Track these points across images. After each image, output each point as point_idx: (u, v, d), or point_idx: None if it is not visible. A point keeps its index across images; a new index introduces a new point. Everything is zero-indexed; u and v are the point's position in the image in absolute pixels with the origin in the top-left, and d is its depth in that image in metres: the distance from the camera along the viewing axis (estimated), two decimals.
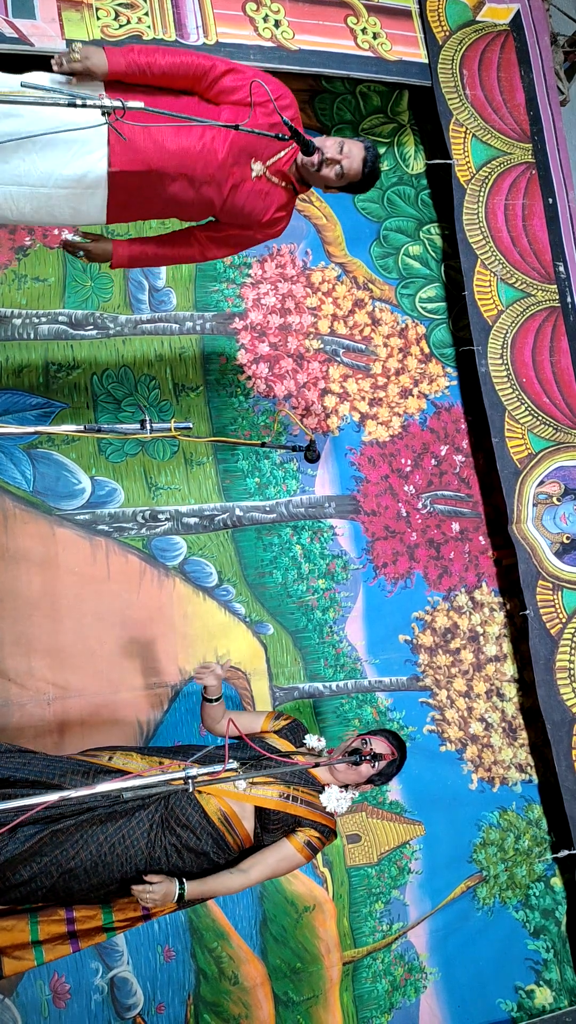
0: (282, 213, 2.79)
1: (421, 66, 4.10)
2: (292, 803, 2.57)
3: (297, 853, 2.56)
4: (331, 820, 2.63)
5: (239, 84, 2.55)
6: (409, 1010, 3.59)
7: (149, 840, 2.46)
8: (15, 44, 3.30)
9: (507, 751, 4.00)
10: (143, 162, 2.48)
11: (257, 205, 2.70)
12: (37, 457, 3.52)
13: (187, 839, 2.49)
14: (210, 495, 3.76)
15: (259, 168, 2.62)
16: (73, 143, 2.41)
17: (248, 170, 2.61)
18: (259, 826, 2.57)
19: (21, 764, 2.51)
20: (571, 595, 3.98)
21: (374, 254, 4.23)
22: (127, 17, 3.52)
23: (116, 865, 2.43)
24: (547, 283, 4.19)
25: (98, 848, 2.42)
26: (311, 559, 3.86)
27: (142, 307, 3.80)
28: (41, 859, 2.37)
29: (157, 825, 2.48)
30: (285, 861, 2.57)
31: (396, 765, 2.69)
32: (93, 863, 2.41)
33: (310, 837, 2.58)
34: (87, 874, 2.41)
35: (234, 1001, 3.35)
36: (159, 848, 2.47)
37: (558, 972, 3.84)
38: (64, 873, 2.39)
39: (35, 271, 3.65)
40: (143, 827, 2.47)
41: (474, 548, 4.15)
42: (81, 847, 2.40)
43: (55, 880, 2.39)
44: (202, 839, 2.49)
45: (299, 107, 4.10)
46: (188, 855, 2.49)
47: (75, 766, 2.53)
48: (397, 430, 4.13)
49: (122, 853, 2.43)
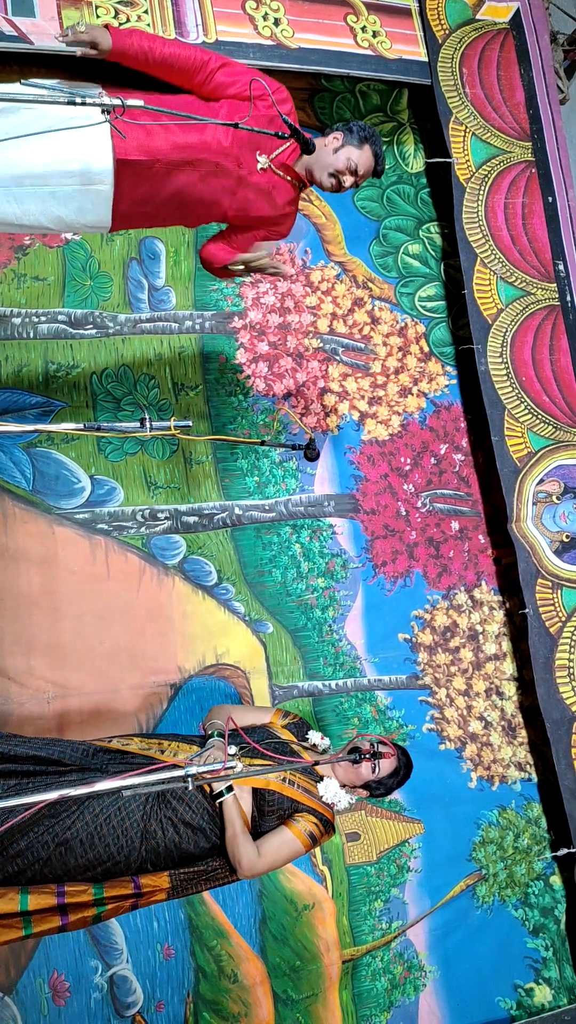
0: (290, 208, 2.80)
1: (421, 64, 4.10)
2: (289, 786, 2.58)
3: (296, 839, 2.56)
4: (328, 811, 2.63)
5: (235, 79, 2.55)
6: (408, 1008, 3.60)
7: (145, 812, 2.48)
8: (14, 42, 3.30)
9: (506, 749, 4.00)
10: (148, 151, 2.47)
11: (266, 198, 2.70)
12: (36, 456, 3.53)
13: (183, 813, 2.50)
14: (209, 494, 3.76)
15: (264, 161, 2.62)
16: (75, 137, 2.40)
17: (254, 161, 2.61)
18: (256, 810, 2.58)
19: (22, 741, 2.56)
20: (570, 594, 3.99)
21: (373, 253, 4.23)
22: (126, 15, 3.52)
23: (112, 838, 2.44)
24: (547, 282, 4.19)
25: (94, 819, 2.43)
26: (310, 558, 3.87)
27: (141, 306, 3.80)
28: (37, 828, 2.39)
29: (153, 798, 2.50)
30: (286, 846, 2.56)
31: (397, 776, 2.69)
32: (89, 834, 2.42)
33: (309, 825, 2.58)
34: (82, 846, 2.42)
35: (233, 999, 3.35)
36: (155, 821, 2.48)
37: (557, 970, 3.84)
38: (60, 844, 2.40)
39: (34, 270, 3.65)
40: (139, 799, 2.48)
41: (473, 547, 4.15)
42: (77, 818, 2.42)
43: (51, 851, 2.40)
44: (199, 814, 2.50)
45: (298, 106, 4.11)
46: (184, 829, 2.50)
47: (76, 745, 2.57)
48: (396, 429, 4.13)
49: (118, 825, 2.45)
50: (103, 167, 2.46)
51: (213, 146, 2.53)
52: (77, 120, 2.32)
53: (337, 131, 2.71)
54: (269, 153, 2.62)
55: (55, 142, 2.39)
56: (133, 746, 2.60)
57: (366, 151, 2.69)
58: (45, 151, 2.40)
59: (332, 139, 2.70)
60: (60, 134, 2.37)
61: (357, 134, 2.69)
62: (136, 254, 3.82)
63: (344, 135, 2.69)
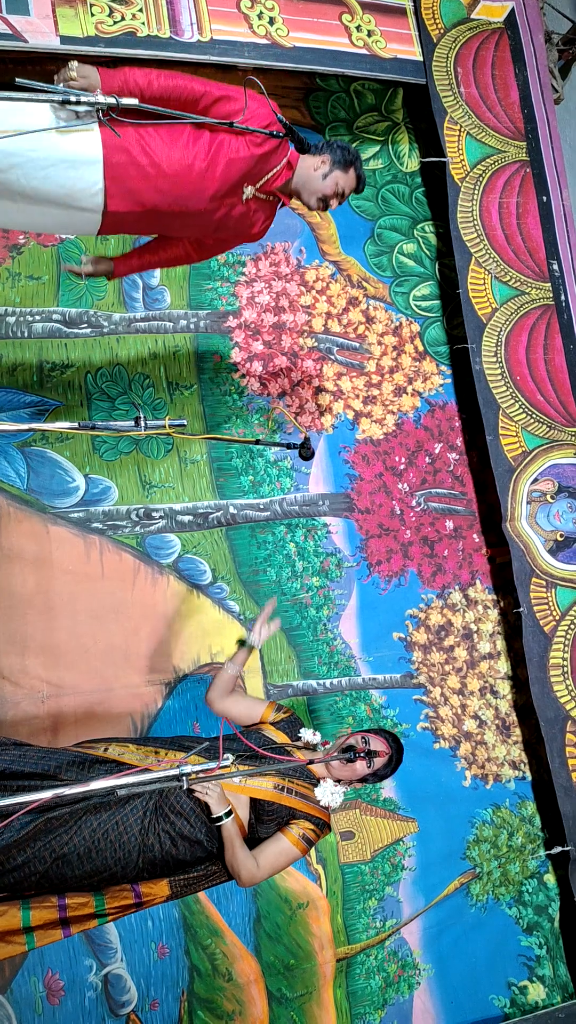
0: (267, 224, 2.88)
1: (416, 64, 4.10)
2: (287, 795, 2.58)
3: (293, 847, 2.57)
4: (325, 813, 2.64)
5: (234, 110, 2.53)
6: (402, 1006, 3.61)
7: (143, 827, 2.47)
8: (9, 40, 3.29)
9: (500, 748, 4.01)
10: (138, 203, 2.52)
11: (245, 223, 2.78)
12: (31, 455, 3.52)
13: (181, 826, 2.49)
14: (204, 493, 3.76)
15: (250, 191, 2.66)
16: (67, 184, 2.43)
17: (241, 195, 2.67)
18: (253, 816, 2.58)
19: (17, 756, 2.52)
20: (564, 592, 3.99)
21: (368, 252, 4.23)
22: (121, 14, 3.51)
23: (109, 851, 2.43)
24: (541, 281, 4.20)
25: (91, 834, 2.42)
26: (305, 557, 3.87)
27: (136, 305, 3.80)
28: (35, 844, 2.38)
29: (151, 812, 2.49)
30: (283, 856, 2.57)
31: (391, 765, 2.70)
32: (87, 848, 2.41)
33: (305, 830, 2.58)
34: (80, 860, 2.42)
35: (228, 998, 3.35)
36: (152, 835, 2.47)
37: (551, 968, 3.85)
38: (58, 859, 2.39)
39: (29, 269, 3.64)
40: (136, 814, 2.47)
41: (468, 546, 4.16)
42: (75, 833, 2.41)
43: (48, 865, 2.40)
44: (196, 827, 2.50)
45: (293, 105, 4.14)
46: (182, 843, 2.49)
47: (71, 758, 2.54)
48: (391, 428, 4.13)
49: (115, 839, 2.44)
50: (93, 218, 2.52)
51: (203, 195, 2.57)
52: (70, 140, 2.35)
53: (324, 154, 2.74)
54: (257, 180, 2.65)
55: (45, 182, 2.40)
56: (128, 756, 2.58)
57: (351, 174, 2.76)
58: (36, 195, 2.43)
59: (320, 163, 2.73)
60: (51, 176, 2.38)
61: (342, 157, 2.73)
62: None
63: (331, 159, 2.73)
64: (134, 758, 2.56)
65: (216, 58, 3.63)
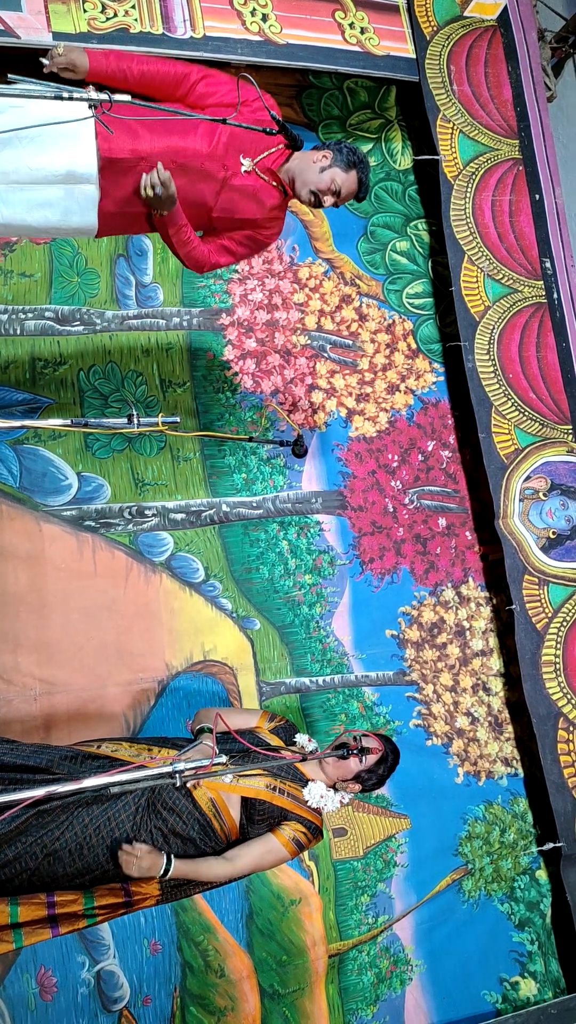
0: (277, 213, 2.79)
1: (409, 61, 4.10)
2: (278, 795, 2.59)
3: (282, 847, 2.57)
4: (317, 817, 2.64)
5: (216, 89, 2.54)
6: (394, 1002, 3.62)
7: (135, 823, 2.47)
8: (1, 36, 3.28)
9: (493, 745, 4.02)
10: (133, 151, 2.47)
11: (252, 200, 2.69)
12: (23, 453, 3.52)
13: (173, 823, 2.49)
14: (197, 491, 3.76)
15: (248, 164, 2.62)
16: (61, 136, 2.40)
17: (239, 164, 2.61)
18: (244, 817, 2.58)
19: (9, 749, 2.52)
20: (557, 590, 4.01)
21: (361, 250, 4.24)
22: (113, 10, 3.51)
23: (101, 848, 2.42)
24: (534, 279, 4.20)
25: (83, 829, 2.41)
26: (298, 555, 3.87)
27: (129, 303, 3.79)
28: (26, 839, 2.37)
29: (143, 808, 2.48)
30: (270, 854, 2.58)
31: (387, 766, 2.70)
32: (78, 844, 2.41)
33: (296, 832, 2.58)
34: (71, 856, 2.41)
35: (220, 994, 3.36)
36: (144, 831, 2.47)
37: (543, 964, 3.87)
38: (48, 855, 2.39)
39: (21, 266, 3.64)
40: (129, 810, 2.47)
41: (460, 543, 4.17)
42: (66, 828, 2.40)
43: (39, 861, 2.39)
44: (188, 824, 2.50)
45: (286, 102, 4.11)
46: (174, 840, 2.49)
47: (64, 752, 2.54)
48: (384, 426, 4.14)
49: (107, 835, 2.43)
50: (88, 166, 2.46)
51: (198, 150, 2.53)
52: (63, 118, 2.32)
53: (328, 150, 2.68)
54: (253, 157, 2.62)
55: (41, 143, 2.39)
56: (122, 752, 2.58)
57: (352, 176, 2.67)
58: (31, 152, 2.40)
59: (321, 157, 2.67)
60: (45, 136, 2.37)
61: (347, 158, 2.66)
62: (123, 251, 3.81)
63: (334, 156, 2.67)
64: (127, 755, 2.56)
65: (209, 55, 3.62)
